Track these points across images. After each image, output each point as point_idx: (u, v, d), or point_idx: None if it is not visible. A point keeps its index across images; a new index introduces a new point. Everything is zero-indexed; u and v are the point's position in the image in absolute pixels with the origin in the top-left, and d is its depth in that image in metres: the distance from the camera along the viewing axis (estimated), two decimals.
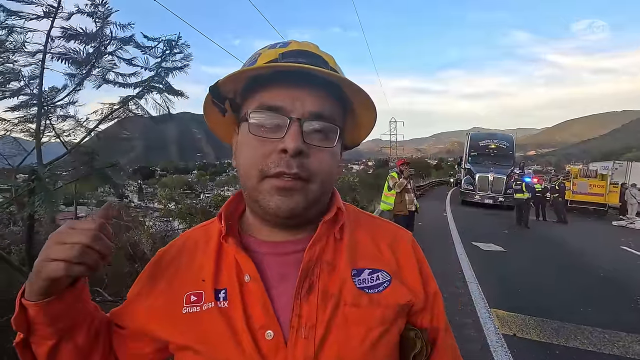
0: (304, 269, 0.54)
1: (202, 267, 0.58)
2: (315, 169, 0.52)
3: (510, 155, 17.72)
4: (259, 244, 0.58)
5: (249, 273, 0.54)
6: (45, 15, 1.68)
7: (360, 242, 0.62)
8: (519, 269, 6.01)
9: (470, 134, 19.80)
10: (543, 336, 3.56)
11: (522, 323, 3.84)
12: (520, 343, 3.42)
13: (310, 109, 0.52)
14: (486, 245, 7.58)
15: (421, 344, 0.59)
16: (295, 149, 0.50)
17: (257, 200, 0.54)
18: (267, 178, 0.52)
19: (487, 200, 15.39)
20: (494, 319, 3.89)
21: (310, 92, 0.53)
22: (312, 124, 0.53)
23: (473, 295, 4.62)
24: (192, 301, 0.55)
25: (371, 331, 0.54)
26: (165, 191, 11.51)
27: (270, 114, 0.52)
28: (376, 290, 0.57)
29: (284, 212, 0.52)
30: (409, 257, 0.63)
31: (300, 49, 0.56)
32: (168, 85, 2.09)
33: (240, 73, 0.52)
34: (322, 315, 0.52)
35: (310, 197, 0.54)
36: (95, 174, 2.20)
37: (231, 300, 0.54)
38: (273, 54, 0.55)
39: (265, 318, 0.52)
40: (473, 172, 16.42)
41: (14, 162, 2.31)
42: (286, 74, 0.52)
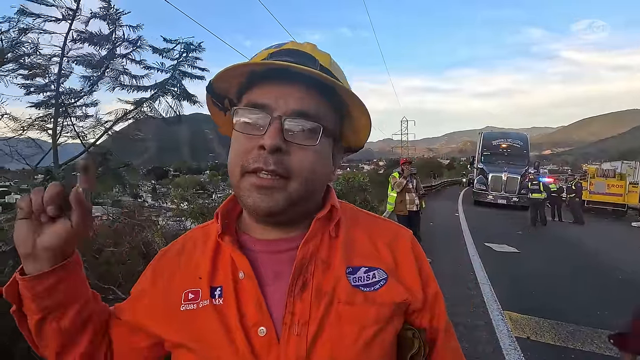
0: (297, 266, 0.54)
1: (199, 265, 0.59)
2: (295, 167, 0.52)
3: (525, 154, 17.34)
4: (253, 242, 0.59)
5: (243, 270, 0.55)
6: (63, 18, 1.73)
7: (357, 240, 0.61)
8: (533, 271, 5.88)
9: (483, 133, 19.48)
10: (558, 339, 3.48)
11: (536, 326, 3.76)
12: (534, 346, 3.35)
13: (293, 107, 0.53)
14: (499, 246, 7.45)
15: (419, 344, 0.59)
16: (272, 145, 0.50)
17: (240, 197, 0.55)
18: (246, 174, 0.53)
19: (501, 200, 15.12)
20: (507, 322, 3.82)
21: (297, 90, 0.53)
22: (293, 122, 0.53)
23: (485, 297, 4.54)
24: (190, 299, 0.56)
25: (365, 330, 0.53)
26: (177, 191, 11.64)
27: (253, 111, 0.54)
28: (372, 289, 0.56)
29: (263, 210, 0.53)
30: (407, 257, 0.62)
31: (291, 48, 0.57)
32: (183, 89, 2.14)
33: (227, 70, 0.53)
34: (315, 313, 0.52)
35: (291, 195, 0.53)
36: (110, 173, 2.26)
37: (226, 297, 0.54)
38: (264, 54, 0.57)
39: (258, 315, 0.52)
40: (486, 171, 16.15)
41: (32, 162, 2.39)
42: (276, 73, 0.52)
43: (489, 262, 6.16)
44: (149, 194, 22.50)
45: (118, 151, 2.61)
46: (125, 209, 6.75)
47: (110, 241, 4.73)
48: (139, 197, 11.84)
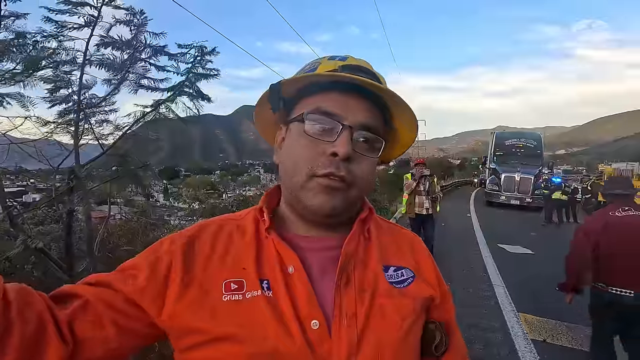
0: (342, 262, 0.57)
1: (241, 257, 0.58)
2: (358, 176, 0.56)
3: (538, 154, 17.01)
4: (299, 238, 0.61)
5: (292, 265, 0.56)
6: (85, 24, 1.79)
7: (385, 241, 0.66)
8: (547, 272, 5.76)
9: (496, 132, 19.17)
10: (575, 343, 3.42)
11: (553, 328, 3.70)
12: (550, 349, 3.30)
13: (360, 119, 0.57)
14: (513, 248, 7.35)
15: (440, 336, 0.63)
16: (345, 153, 0.54)
17: (301, 197, 0.57)
18: (314, 177, 0.55)
19: (514, 201, 14.87)
20: (522, 324, 3.77)
21: (361, 104, 0.57)
22: (361, 134, 0.57)
23: (500, 298, 4.49)
24: (233, 289, 0.55)
25: (405, 320, 0.58)
26: (189, 191, 11.83)
27: (325, 119, 0.56)
28: (402, 285, 0.62)
29: (326, 210, 0.56)
30: (425, 258, 0.69)
31: (358, 65, 0.61)
32: (198, 90, 2.18)
33: (304, 78, 0.58)
34: (360, 307, 0.56)
35: (349, 200, 0.58)
36: (128, 174, 2.31)
37: (275, 290, 0.55)
38: (332, 65, 0.60)
39: (310, 308, 0.54)
40: (498, 172, 15.90)
41: (54, 163, 2.46)
42: (341, 85, 0.56)
43: (503, 263, 6.09)
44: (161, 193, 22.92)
45: (135, 152, 2.66)
46: (138, 208, 6.89)
47: (124, 240, 4.83)
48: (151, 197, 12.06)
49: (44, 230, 3.08)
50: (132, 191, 6.52)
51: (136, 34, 1.88)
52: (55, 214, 3.63)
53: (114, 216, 5.09)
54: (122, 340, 0.52)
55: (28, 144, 2.37)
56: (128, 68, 1.97)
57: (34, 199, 7.41)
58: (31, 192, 9.37)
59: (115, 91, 2.07)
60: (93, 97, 2.16)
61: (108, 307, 0.52)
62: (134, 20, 1.87)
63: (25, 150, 2.41)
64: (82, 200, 1.95)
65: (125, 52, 1.93)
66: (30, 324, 0.45)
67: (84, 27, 1.83)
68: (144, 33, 1.93)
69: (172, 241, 0.60)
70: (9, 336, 0.43)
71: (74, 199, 1.91)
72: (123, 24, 1.86)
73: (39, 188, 5.69)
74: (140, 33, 1.91)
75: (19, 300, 0.45)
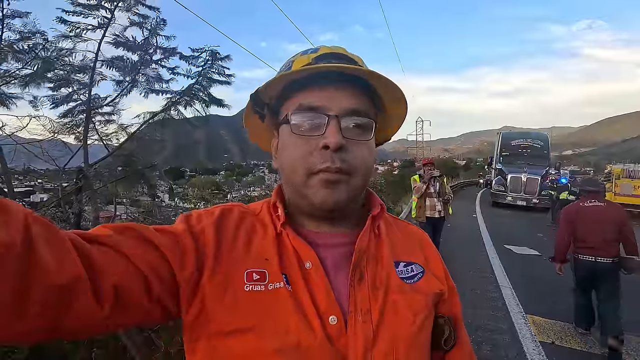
0: (355, 258, 0.58)
1: (263, 248, 0.57)
2: (356, 163, 0.56)
3: (545, 155, 16.84)
4: (312, 235, 0.61)
5: (310, 260, 0.57)
6: (99, 26, 1.80)
7: (395, 237, 0.67)
8: (555, 274, 5.70)
9: (502, 132, 19.00)
10: (584, 345, 3.37)
11: (561, 330, 3.66)
12: (559, 351, 3.26)
13: (345, 105, 0.56)
14: (519, 249, 7.28)
15: (450, 330, 0.64)
16: (336, 143, 0.53)
17: (305, 195, 0.57)
18: (313, 174, 0.55)
19: (520, 202, 14.73)
20: (530, 326, 3.73)
21: (344, 90, 0.56)
22: (349, 120, 0.56)
23: (507, 300, 4.45)
24: (255, 279, 0.53)
25: (417, 316, 0.58)
26: (195, 191, 11.88)
27: (309, 114, 0.56)
28: (412, 281, 0.62)
29: (330, 204, 0.56)
30: (433, 253, 0.70)
31: (331, 52, 0.60)
32: (210, 95, 2.19)
33: (278, 78, 0.57)
34: (374, 303, 0.56)
35: (353, 190, 0.57)
36: (136, 174, 2.32)
37: (294, 285, 0.55)
38: (306, 59, 0.60)
39: (328, 303, 0.54)
40: (505, 172, 15.76)
41: (60, 164, 2.47)
42: (320, 76, 0.55)
43: (510, 264, 6.03)
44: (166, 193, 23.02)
45: (141, 152, 2.67)
46: (144, 208, 6.93)
47: None
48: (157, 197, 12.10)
49: None
50: (137, 191, 6.58)
51: (148, 36, 1.88)
52: (63, 214, 3.67)
53: (120, 216, 5.13)
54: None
55: (34, 145, 2.39)
56: (139, 70, 1.98)
57: (42, 198, 7.49)
58: (38, 192, 9.48)
59: (125, 92, 2.08)
60: (102, 99, 2.17)
61: (153, 274, 0.47)
62: (147, 23, 1.87)
63: (31, 151, 2.43)
64: (90, 200, 1.95)
65: (137, 53, 1.94)
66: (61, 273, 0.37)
67: (97, 29, 1.84)
68: (156, 36, 1.94)
69: (199, 216, 0.58)
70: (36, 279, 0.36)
71: (82, 199, 1.92)
72: (136, 25, 1.87)
73: (46, 188, 5.74)
74: (153, 36, 1.91)
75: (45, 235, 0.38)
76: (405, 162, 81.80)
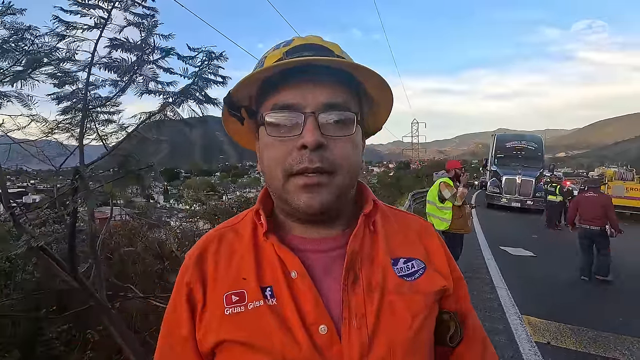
0: (348, 261, 0.55)
1: (240, 266, 0.57)
2: (338, 160, 0.52)
3: (539, 157, 16.98)
4: (299, 241, 0.59)
5: (295, 269, 0.54)
6: (95, 26, 1.78)
7: (392, 232, 0.63)
8: (550, 275, 5.76)
9: (497, 134, 19.12)
10: (580, 345, 3.39)
11: (557, 331, 3.68)
12: (555, 352, 3.28)
13: (322, 100, 0.52)
14: (515, 250, 7.32)
15: (455, 326, 0.62)
16: (314, 142, 0.50)
17: (286, 200, 0.55)
18: (291, 177, 0.52)
19: (515, 203, 14.83)
20: (526, 326, 3.75)
21: (320, 84, 0.53)
22: (327, 115, 0.52)
23: (503, 300, 4.47)
24: (234, 301, 0.53)
25: (416, 317, 0.55)
26: (190, 193, 11.82)
27: (284, 113, 0.53)
28: (412, 278, 0.59)
29: (315, 208, 0.53)
30: (436, 245, 0.65)
31: (304, 43, 0.56)
32: (206, 95, 2.18)
33: (247, 78, 0.53)
34: (370, 306, 0.53)
35: (338, 189, 0.54)
36: (132, 175, 2.30)
37: (279, 297, 0.53)
38: (278, 54, 0.55)
39: (317, 313, 0.52)
40: (499, 174, 15.86)
41: (56, 164, 2.44)
42: (294, 71, 0.52)
43: (505, 266, 6.06)
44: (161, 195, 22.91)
45: (138, 152, 2.64)
46: (139, 209, 6.88)
47: (125, 240, 4.82)
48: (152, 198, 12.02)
49: (46, 231, 3.06)
50: (132, 192, 6.53)
51: (146, 36, 1.87)
52: (56, 215, 3.62)
53: (114, 217, 5.08)
54: None
55: (29, 144, 2.36)
56: (136, 70, 1.96)
57: (34, 199, 7.41)
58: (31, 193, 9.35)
59: (121, 93, 2.06)
60: (98, 98, 2.15)
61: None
62: (144, 22, 1.86)
63: (27, 150, 2.40)
64: (86, 201, 1.93)
65: (134, 54, 1.92)
66: None
67: (94, 29, 1.82)
68: (153, 36, 1.92)
69: (185, 270, 0.60)
70: None
71: (78, 200, 1.90)
72: (133, 25, 1.85)
73: (39, 189, 5.68)
74: (150, 36, 1.90)
75: None
76: (400, 164, 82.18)
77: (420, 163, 61.47)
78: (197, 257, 0.59)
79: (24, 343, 2.70)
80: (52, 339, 2.80)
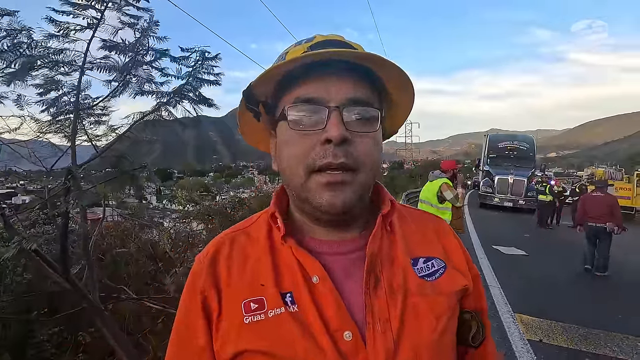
0: (368, 264, 0.53)
1: (257, 271, 0.55)
2: (361, 157, 0.51)
3: (531, 157, 17.18)
4: (317, 243, 0.57)
5: (317, 274, 0.52)
6: (88, 26, 1.76)
7: (409, 231, 0.61)
8: (542, 274, 5.84)
9: (489, 135, 19.30)
10: (571, 342, 3.45)
11: (549, 329, 3.73)
12: (547, 349, 3.32)
13: (347, 95, 0.51)
14: (507, 249, 7.40)
15: (477, 325, 0.60)
16: (339, 136, 0.48)
17: (307, 198, 0.52)
18: (314, 174, 0.50)
19: (507, 203, 15.00)
20: (518, 324, 3.80)
21: (344, 78, 0.51)
22: (351, 110, 0.51)
23: (495, 299, 4.51)
24: (254, 309, 0.51)
25: (440, 319, 0.54)
26: (183, 193, 11.72)
27: (308, 107, 0.51)
28: (433, 278, 0.57)
29: (338, 207, 0.50)
30: (453, 242, 0.64)
31: (327, 40, 0.55)
32: (200, 95, 2.17)
33: (270, 71, 0.52)
34: (393, 309, 0.52)
35: (362, 188, 0.52)
36: (126, 175, 2.28)
37: (301, 303, 0.51)
38: (300, 50, 0.54)
39: (340, 319, 0.50)
40: (492, 174, 16.02)
41: (47, 165, 2.41)
42: (316, 66, 0.50)
43: (498, 265, 6.12)
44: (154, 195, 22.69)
45: (131, 153, 2.62)
46: (131, 210, 6.81)
47: (117, 242, 4.77)
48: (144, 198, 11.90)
49: (36, 233, 3.02)
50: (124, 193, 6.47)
51: (140, 37, 1.85)
52: (46, 216, 3.57)
53: (106, 218, 5.02)
54: None
55: (20, 145, 2.33)
56: (130, 71, 1.94)
57: (24, 200, 7.30)
58: (20, 194, 9.20)
59: (115, 94, 2.04)
60: (90, 98, 2.13)
61: None
62: (139, 23, 1.84)
63: (17, 152, 2.37)
64: (78, 202, 1.91)
65: (128, 55, 1.90)
66: None
67: (86, 29, 1.80)
68: (148, 37, 1.91)
69: (197, 276, 0.57)
70: None
71: (70, 200, 1.88)
72: (128, 26, 1.84)
73: (28, 190, 5.59)
74: (145, 37, 1.88)
75: None
76: (394, 164, 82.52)
77: (414, 163, 61.82)
78: (210, 261, 0.57)
79: (14, 346, 2.66)
80: (43, 342, 2.76)
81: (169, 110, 2.21)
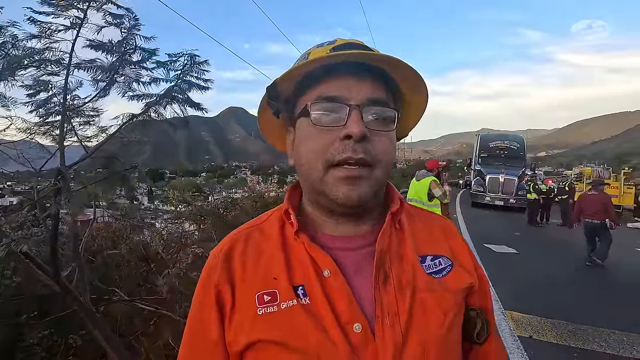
0: (377, 259, 0.55)
1: (270, 266, 0.57)
2: (378, 155, 0.53)
3: (521, 156, 17.42)
4: (328, 239, 0.59)
5: (328, 268, 0.54)
6: (71, 26, 1.74)
7: (417, 230, 0.63)
8: (532, 271, 5.93)
9: (480, 134, 19.51)
10: (560, 338, 3.51)
11: (538, 325, 3.79)
12: (536, 345, 3.38)
13: (367, 95, 0.54)
14: (498, 247, 7.50)
15: (481, 323, 0.62)
16: (359, 133, 0.51)
17: (324, 191, 0.55)
18: (332, 168, 0.53)
19: (498, 202, 15.18)
20: (509, 321, 3.85)
21: (363, 79, 0.54)
22: (371, 110, 0.54)
23: None
24: (267, 301, 0.53)
25: (447, 314, 0.56)
26: (175, 194, 11.61)
27: (330, 104, 0.54)
28: (441, 275, 0.59)
29: (354, 200, 0.53)
30: (459, 241, 0.66)
31: (348, 42, 0.58)
32: (188, 98, 2.16)
33: (295, 69, 0.55)
34: (402, 304, 0.54)
35: (377, 183, 0.55)
36: (117, 176, 2.26)
37: (312, 296, 0.53)
38: (322, 51, 0.57)
39: (351, 312, 0.52)
40: (483, 173, 16.21)
41: (36, 166, 2.37)
42: (337, 67, 0.53)
43: (489, 263, 6.20)
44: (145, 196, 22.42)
45: (122, 154, 2.60)
46: (122, 211, 6.73)
47: (108, 243, 4.71)
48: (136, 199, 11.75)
49: (25, 234, 2.97)
50: (115, 194, 6.39)
51: (126, 36, 1.83)
52: (35, 217, 3.52)
53: (97, 219, 4.96)
54: None
55: (7, 146, 2.29)
56: (117, 70, 1.92)
57: (11, 202, 7.17)
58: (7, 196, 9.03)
59: (102, 93, 2.02)
60: (78, 99, 2.11)
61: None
62: (124, 22, 1.82)
63: (5, 152, 2.33)
64: (69, 203, 1.89)
65: (114, 55, 1.88)
66: None
67: (70, 29, 1.77)
68: (134, 36, 1.89)
69: (211, 271, 0.59)
70: None
71: (61, 201, 1.85)
72: (113, 25, 1.82)
73: (16, 191, 5.50)
74: (131, 36, 1.87)
75: None
76: None
77: (406, 163, 62.16)
78: (225, 257, 0.59)
79: (3, 350, 2.62)
80: (32, 345, 2.72)
81: (159, 111, 2.20)
